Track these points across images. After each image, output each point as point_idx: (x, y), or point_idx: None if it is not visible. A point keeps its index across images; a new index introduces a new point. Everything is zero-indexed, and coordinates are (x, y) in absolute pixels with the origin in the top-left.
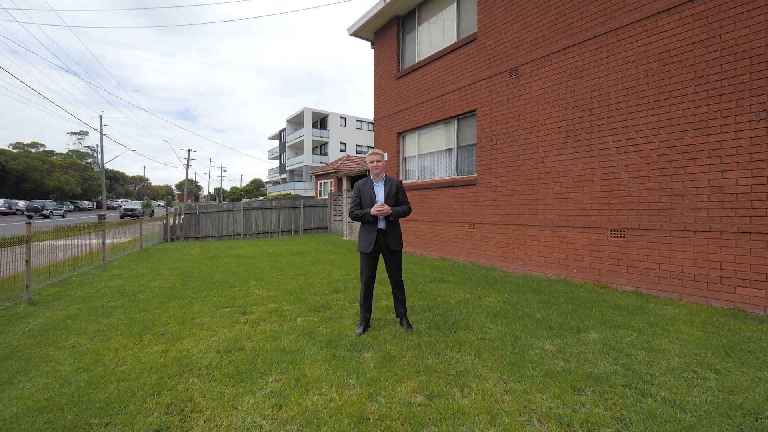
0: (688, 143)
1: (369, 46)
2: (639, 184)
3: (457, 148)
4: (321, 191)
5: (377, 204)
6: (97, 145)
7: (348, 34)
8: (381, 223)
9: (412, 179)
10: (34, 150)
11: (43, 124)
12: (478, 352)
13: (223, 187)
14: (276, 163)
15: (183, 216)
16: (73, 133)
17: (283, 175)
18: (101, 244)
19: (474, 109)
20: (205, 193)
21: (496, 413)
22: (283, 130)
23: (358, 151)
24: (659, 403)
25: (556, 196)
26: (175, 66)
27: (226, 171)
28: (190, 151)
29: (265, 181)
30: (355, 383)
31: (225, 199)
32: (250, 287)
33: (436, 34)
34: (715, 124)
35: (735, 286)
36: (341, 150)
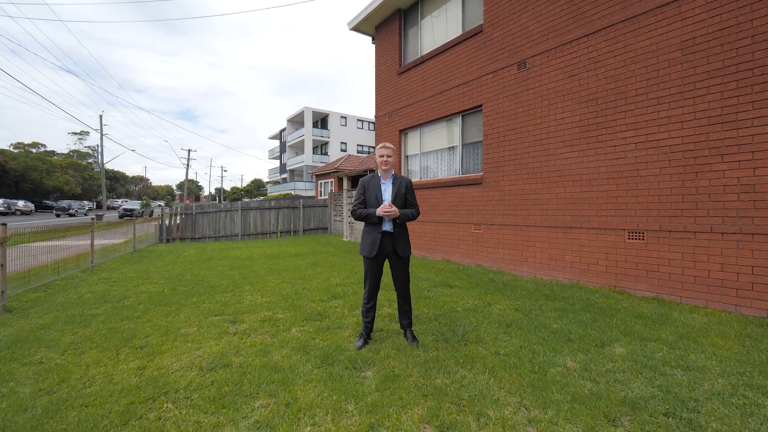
0: (715, 138)
1: (370, 41)
2: (660, 183)
3: (462, 145)
4: (321, 191)
5: (384, 204)
6: (97, 145)
7: (348, 28)
8: (387, 224)
9: (414, 178)
10: (34, 150)
11: (44, 125)
12: (493, 371)
13: (223, 187)
14: (276, 163)
15: (179, 216)
16: (74, 133)
17: (284, 175)
18: (98, 245)
19: (480, 105)
20: (206, 193)
21: None
22: (284, 129)
23: (359, 151)
24: None
25: (568, 195)
26: (176, 66)
27: (226, 171)
28: (190, 151)
29: (266, 181)
30: (354, 410)
31: (225, 199)
32: (244, 292)
33: (440, 28)
34: (747, 116)
35: None
36: (342, 150)
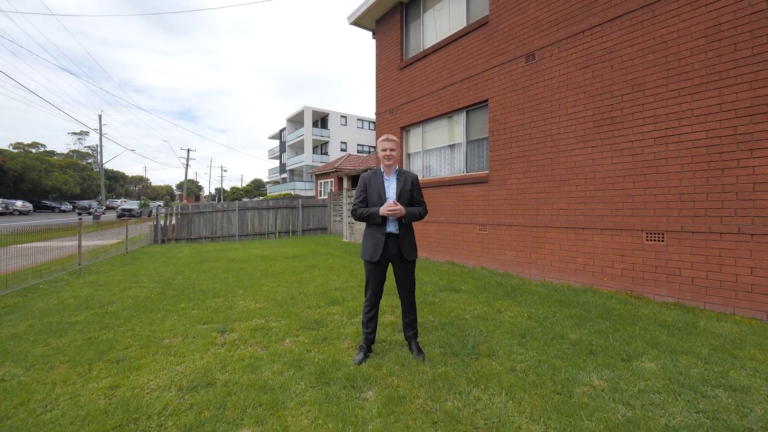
0: (743, 131)
1: (371, 36)
2: (681, 180)
3: (467, 142)
4: (321, 191)
5: (388, 202)
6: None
7: (348, 23)
8: (391, 225)
9: None
10: (34, 150)
11: (45, 125)
12: (510, 391)
13: (223, 187)
14: (276, 162)
15: (175, 216)
16: (74, 133)
17: (284, 175)
18: (89, 246)
19: (486, 99)
20: (206, 193)
21: None
22: (284, 129)
23: (359, 151)
24: None
25: (580, 194)
26: (177, 67)
27: (226, 171)
28: (189, 151)
29: (266, 181)
30: None
31: (225, 199)
32: (236, 297)
33: (443, 20)
34: None
35: None
36: (342, 149)
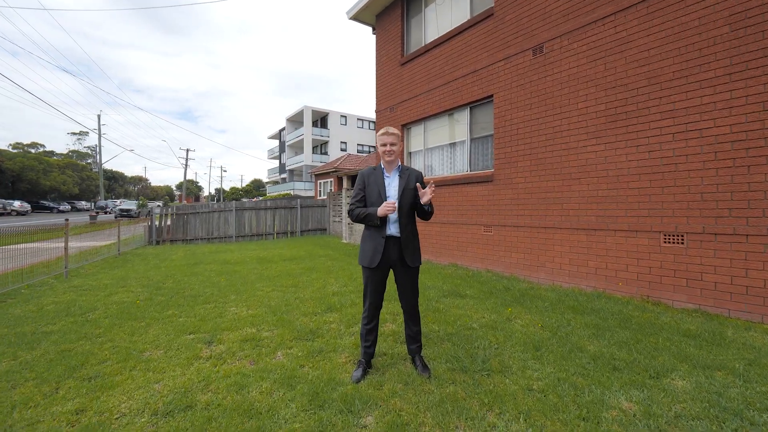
0: None
1: (371, 32)
2: (703, 178)
3: (471, 140)
4: (321, 191)
5: (388, 201)
6: (96, 145)
7: (348, 17)
8: (392, 227)
9: None
10: (33, 150)
11: (44, 125)
12: (529, 416)
13: (223, 187)
14: (276, 162)
15: (171, 217)
16: (73, 134)
17: (283, 175)
18: (80, 248)
19: (491, 95)
20: (206, 193)
21: None
22: (283, 129)
23: (359, 151)
24: None
25: (591, 193)
26: (177, 67)
27: (226, 171)
28: (188, 151)
29: (265, 182)
30: None
31: (224, 200)
32: (228, 303)
33: (446, 13)
34: None
35: None
36: (342, 149)
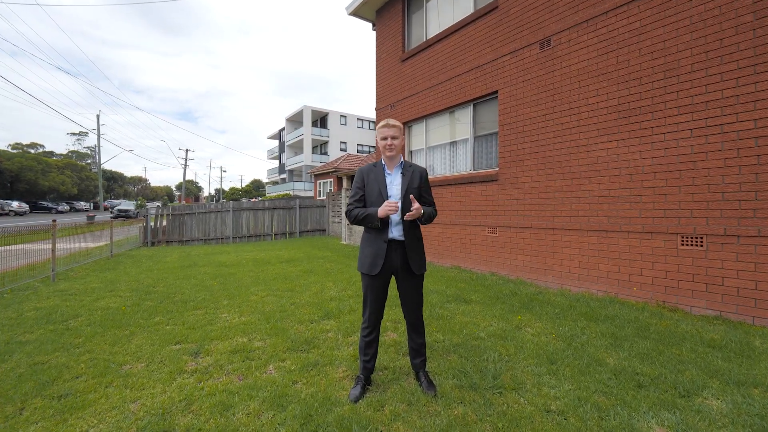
0: None
1: (371, 28)
2: (724, 177)
3: (474, 138)
4: (320, 191)
5: (389, 201)
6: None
7: (347, 13)
8: (394, 230)
9: None
10: (33, 151)
11: (44, 125)
12: None
13: (223, 187)
14: (275, 163)
15: (166, 217)
16: (73, 134)
17: (283, 175)
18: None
19: (495, 91)
20: (205, 193)
21: None
22: (283, 129)
23: (359, 151)
24: None
25: (603, 193)
26: (177, 67)
27: (226, 171)
28: (187, 151)
29: (265, 182)
30: None
31: (224, 200)
32: (220, 309)
33: (448, 8)
34: None
35: None
36: (342, 149)
